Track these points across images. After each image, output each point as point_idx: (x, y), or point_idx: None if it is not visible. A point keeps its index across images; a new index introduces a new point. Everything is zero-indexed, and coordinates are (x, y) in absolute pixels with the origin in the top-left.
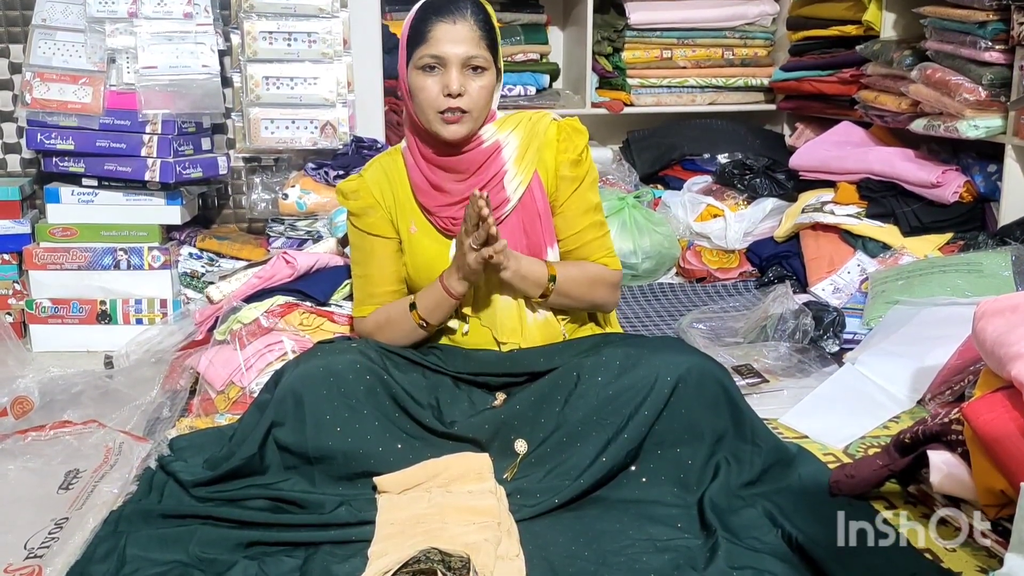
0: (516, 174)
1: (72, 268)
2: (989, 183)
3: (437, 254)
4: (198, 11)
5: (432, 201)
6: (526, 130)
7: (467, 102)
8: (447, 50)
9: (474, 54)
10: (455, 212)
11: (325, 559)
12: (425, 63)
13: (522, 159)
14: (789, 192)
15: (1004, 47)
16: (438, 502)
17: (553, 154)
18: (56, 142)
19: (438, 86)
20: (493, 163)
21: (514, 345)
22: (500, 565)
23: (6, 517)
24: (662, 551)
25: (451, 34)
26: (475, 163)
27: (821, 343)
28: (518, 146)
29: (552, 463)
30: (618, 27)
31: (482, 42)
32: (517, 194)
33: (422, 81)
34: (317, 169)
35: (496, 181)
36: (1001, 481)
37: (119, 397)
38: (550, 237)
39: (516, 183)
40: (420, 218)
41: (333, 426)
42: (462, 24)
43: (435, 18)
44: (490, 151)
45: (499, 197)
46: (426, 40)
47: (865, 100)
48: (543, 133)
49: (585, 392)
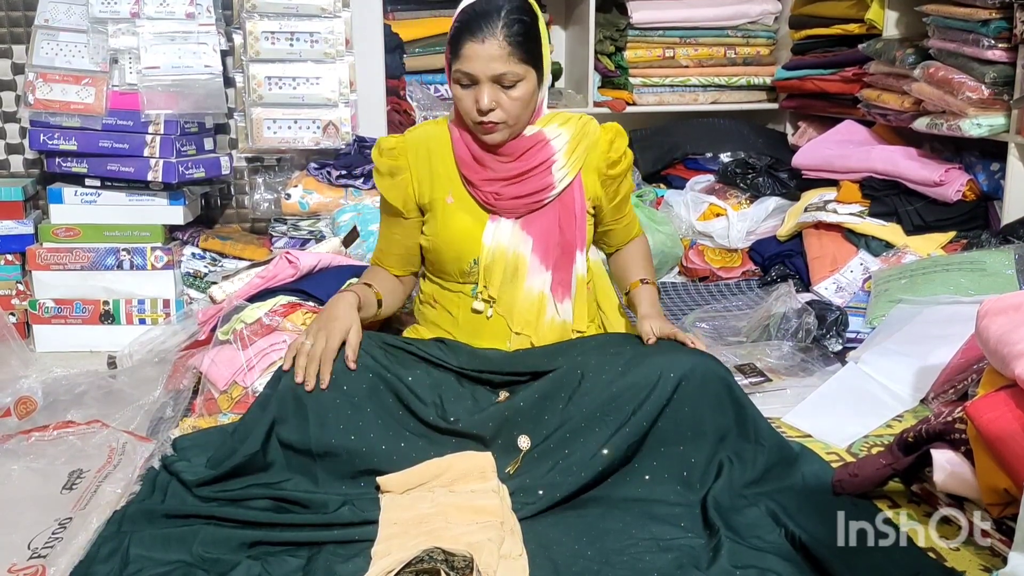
0: (564, 164)
1: (75, 268)
2: (992, 181)
3: (469, 228)
4: (200, 11)
5: (476, 175)
6: (576, 128)
7: (499, 115)
8: (476, 68)
9: (503, 71)
10: (499, 188)
11: (328, 559)
12: (458, 79)
13: (572, 152)
14: (792, 191)
15: (1007, 45)
16: (441, 502)
17: (600, 156)
18: (59, 142)
19: (471, 100)
20: (541, 151)
21: (525, 338)
22: (503, 564)
23: (10, 517)
24: (665, 550)
25: (480, 52)
26: (519, 149)
27: (824, 342)
28: (568, 140)
29: (555, 459)
30: (620, 26)
31: (512, 58)
32: (563, 184)
33: (460, 92)
34: (320, 169)
35: (543, 168)
36: (1005, 480)
37: (122, 397)
38: (582, 240)
39: (563, 173)
40: (459, 190)
41: (336, 423)
42: (491, 42)
43: (466, 36)
44: (535, 139)
45: (544, 181)
46: (459, 56)
47: (868, 99)
48: (592, 134)
49: (589, 390)
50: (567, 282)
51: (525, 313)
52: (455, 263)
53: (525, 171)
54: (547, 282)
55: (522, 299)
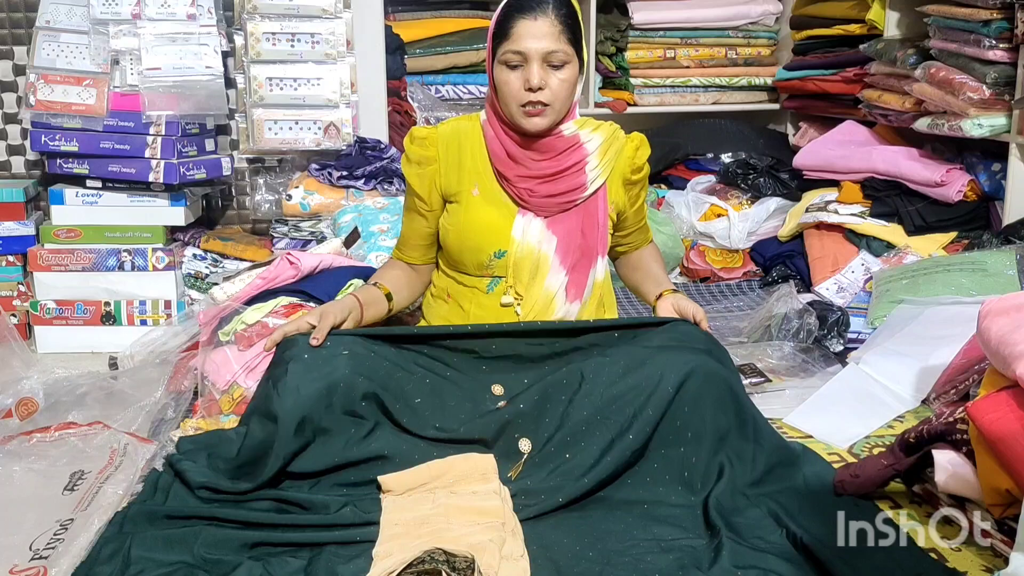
0: (597, 166)
1: (76, 269)
2: (993, 182)
3: (493, 221)
4: (202, 13)
5: (511, 171)
6: (608, 134)
7: (548, 95)
8: (528, 45)
9: (554, 49)
10: (533, 185)
11: (330, 559)
12: (507, 59)
13: (604, 155)
14: (793, 191)
15: (1008, 45)
16: (442, 503)
17: (626, 162)
18: (60, 144)
19: (520, 80)
20: (575, 152)
21: None
22: (505, 565)
23: (11, 518)
24: (667, 551)
25: (532, 30)
26: (555, 148)
27: (825, 343)
28: (601, 144)
29: (556, 462)
30: (621, 27)
31: (563, 36)
32: (595, 185)
33: (506, 76)
34: (321, 170)
35: (577, 169)
36: (1006, 480)
37: (124, 398)
38: (603, 246)
39: (596, 174)
40: (486, 184)
41: (340, 444)
42: (543, 20)
43: (517, 15)
44: (571, 141)
45: (577, 180)
46: (509, 36)
47: (869, 99)
48: (620, 140)
49: (590, 391)
50: (581, 284)
51: (538, 303)
52: (474, 254)
53: (560, 170)
54: (563, 282)
55: (536, 295)
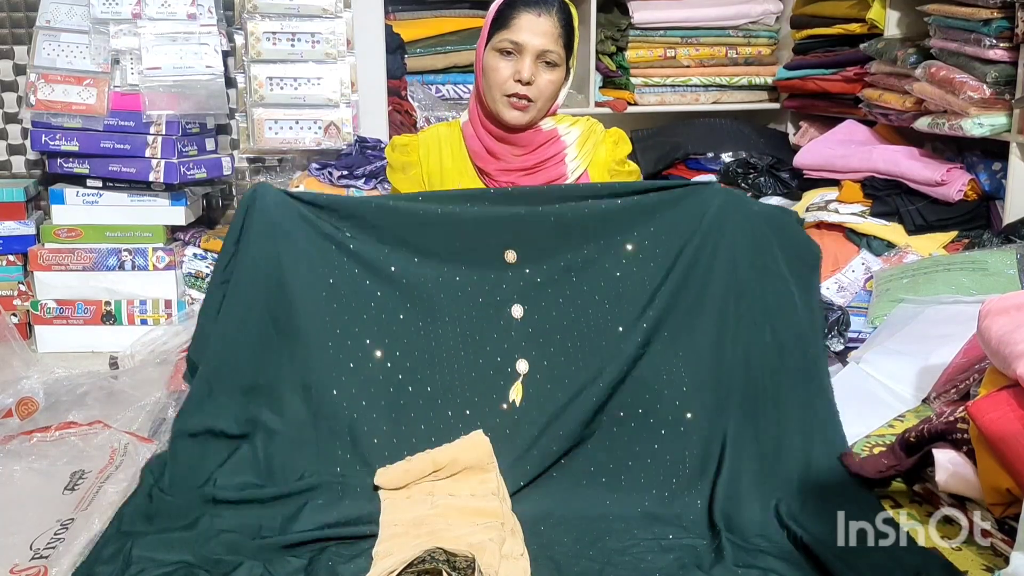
0: (576, 156)
1: (77, 269)
2: (994, 181)
3: None
4: (202, 12)
5: (490, 166)
6: (585, 127)
7: (535, 92)
8: (526, 39)
9: (550, 48)
10: (515, 178)
11: (330, 559)
12: (503, 47)
13: (582, 146)
14: (793, 191)
15: (1008, 45)
16: (441, 504)
17: (607, 151)
18: (61, 143)
19: (510, 70)
20: (553, 145)
21: None
22: (505, 564)
23: (12, 518)
24: (667, 550)
25: (534, 25)
26: (534, 142)
27: (825, 342)
28: (579, 136)
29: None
30: (621, 26)
31: (560, 39)
32: (575, 175)
33: (496, 62)
34: (321, 170)
35: (556, 161)
36: (1007, 480)
37: (124, 398)
38: None
39: (576, 164)
40: (469, 184)
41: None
42: (546, 18)
43: (523, 7)
44: (549, 135)
45: (558, 171)
46: (509, 26)
47: (869, 98)
48: (599, 133)
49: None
50: None
51: None
52: None
53: (540, 162)
54: None
55: None
